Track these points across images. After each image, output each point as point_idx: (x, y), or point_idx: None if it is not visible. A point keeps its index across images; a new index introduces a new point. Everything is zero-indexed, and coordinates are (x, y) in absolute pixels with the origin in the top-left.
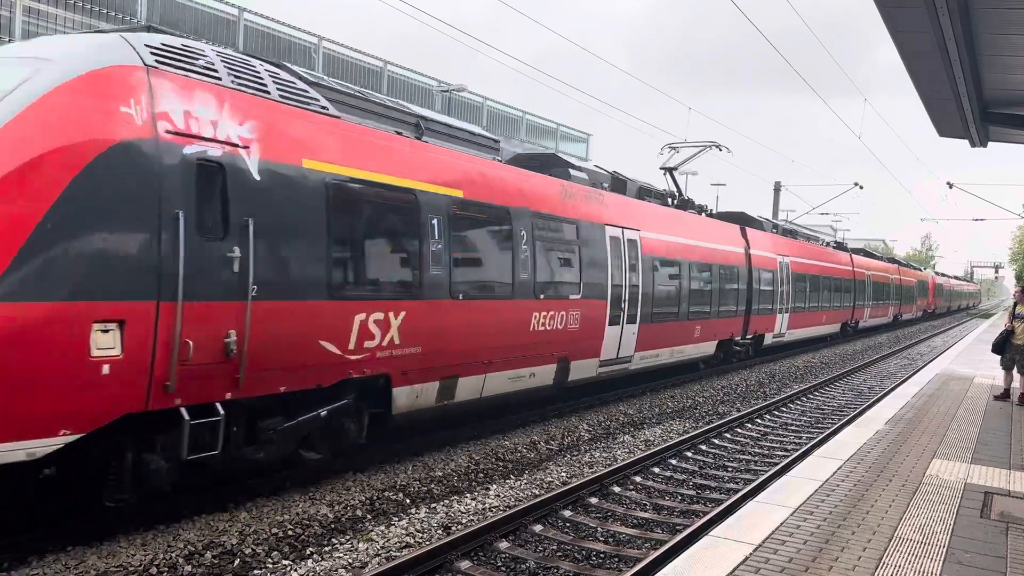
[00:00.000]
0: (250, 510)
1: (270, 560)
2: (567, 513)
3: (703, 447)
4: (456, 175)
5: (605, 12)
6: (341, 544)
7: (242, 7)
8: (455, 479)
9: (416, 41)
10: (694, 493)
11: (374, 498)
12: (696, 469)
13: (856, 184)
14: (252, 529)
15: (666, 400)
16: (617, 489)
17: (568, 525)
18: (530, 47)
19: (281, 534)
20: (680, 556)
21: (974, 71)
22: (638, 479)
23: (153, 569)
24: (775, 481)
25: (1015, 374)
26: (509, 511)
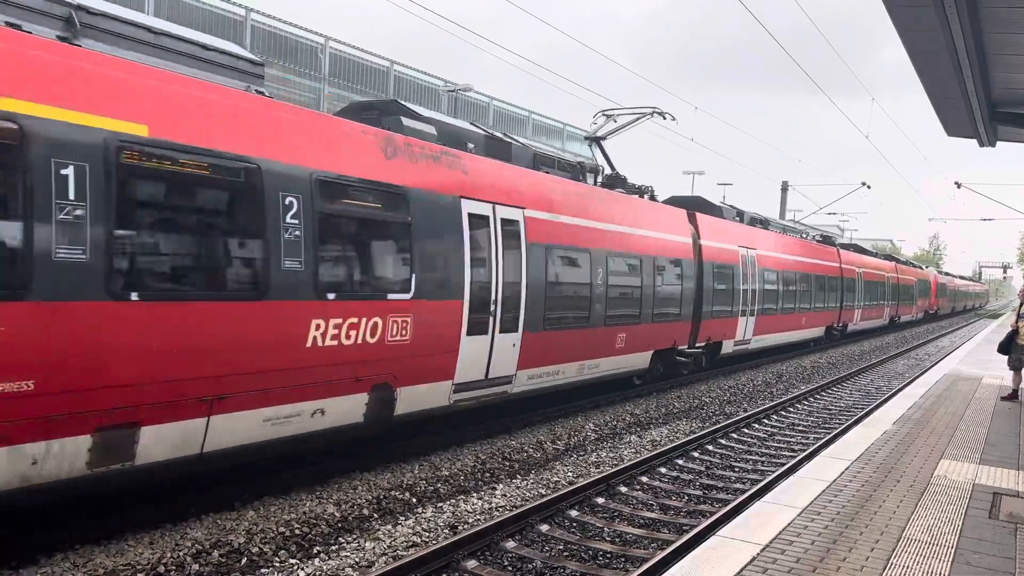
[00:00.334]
0: (257, 509)
1: (277, 559)
2: (574, 513)
3: (710, 447)
4: (123, 93)
5: (605, 12)
6: (348, 543)
7: (249, 7)
8: (461, 479)
9: (418, 39)
10: (701, 493)
11: (381, 497)
12: (703, 469)
13: (864, 184)
14: (259, 528)
15: (672, 400)
16: (624, 489)
17: (575, 525)
18: (531, 45)
19: (288, 533)
20: (687, 556)
21: (983, 70)
22: (645, 479)
23: (161, 567)
24: (782, 481)
25: (1023, 374)
26: (516, 511)
